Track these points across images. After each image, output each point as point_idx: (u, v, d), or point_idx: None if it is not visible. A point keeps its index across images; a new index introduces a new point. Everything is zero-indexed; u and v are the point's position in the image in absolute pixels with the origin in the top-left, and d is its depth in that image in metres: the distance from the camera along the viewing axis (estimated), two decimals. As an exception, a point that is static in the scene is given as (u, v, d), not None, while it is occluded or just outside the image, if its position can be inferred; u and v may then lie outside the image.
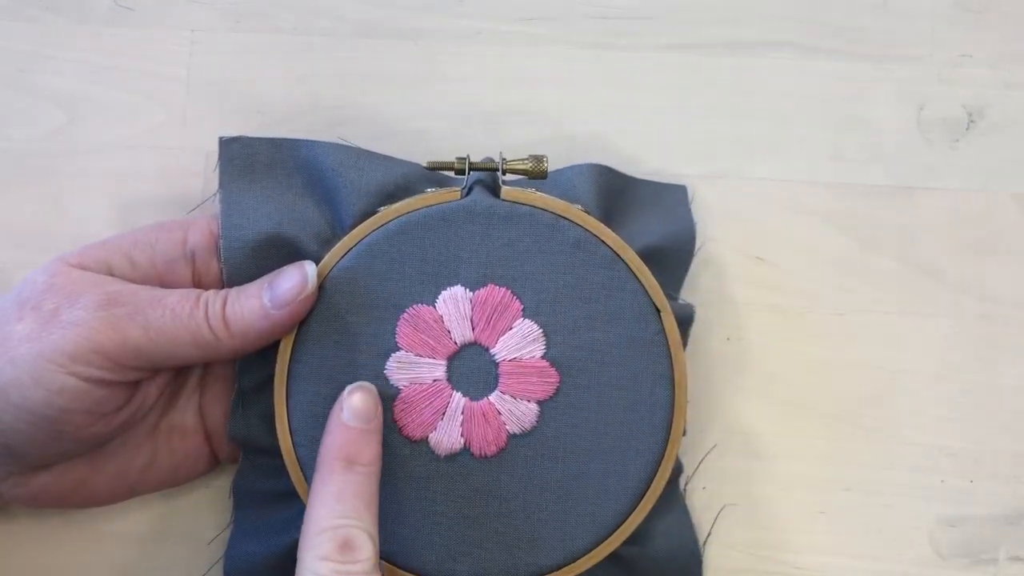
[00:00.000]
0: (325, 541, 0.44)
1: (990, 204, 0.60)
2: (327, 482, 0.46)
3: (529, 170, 0.52)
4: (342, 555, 0.44)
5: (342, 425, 0.48)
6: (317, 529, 0.45)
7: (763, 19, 0.62)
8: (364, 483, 0.46)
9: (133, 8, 0.61)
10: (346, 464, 0.46)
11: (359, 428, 0.48)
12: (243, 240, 0.51)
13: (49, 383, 0.46)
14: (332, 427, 0.48)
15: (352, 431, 0.47)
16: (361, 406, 0.48)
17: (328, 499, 0.46)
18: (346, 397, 0.48)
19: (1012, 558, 0.57)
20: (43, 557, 0.56)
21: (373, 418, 0.48)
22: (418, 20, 0.61)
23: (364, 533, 0.45)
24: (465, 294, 0.51)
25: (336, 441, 0.47)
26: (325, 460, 0.47)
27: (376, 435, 0.48)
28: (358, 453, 0.47)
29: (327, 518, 0.45)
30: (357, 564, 0.44)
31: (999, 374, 0.59)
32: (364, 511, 0.46)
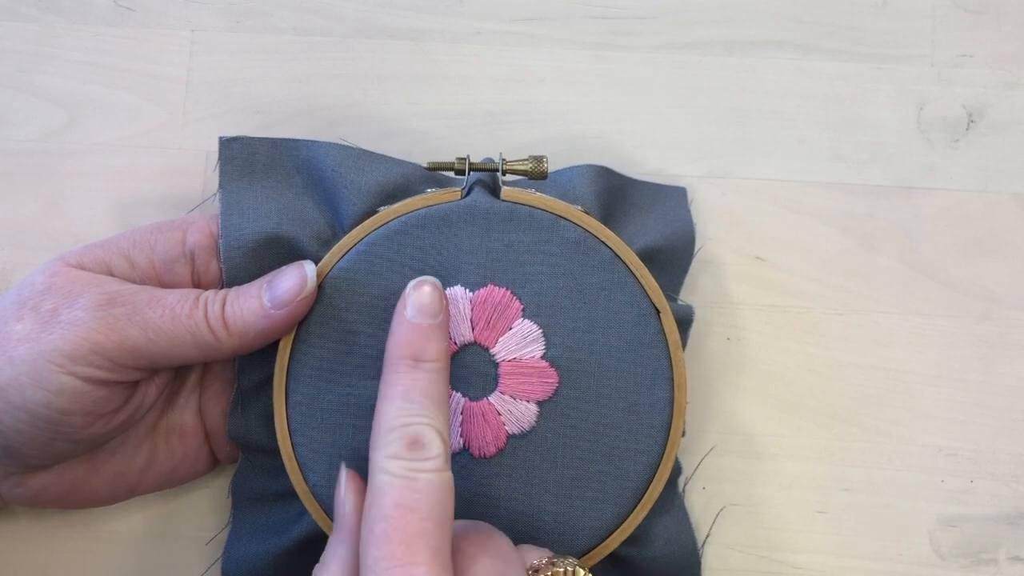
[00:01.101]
0: (394, 439, 0.43)
1: (990, 204, 0.60)
2: (394, 381, 0.45)
3: (529, 171, 0.52)
4: (412, 452, 0.43)
5: (406, 322, 0.47)
6: (386, 428, 0.44)
7: (763, 19, 0.62)
8: (432, 380, 0.46)
9: (133, 8, 0.61)
10: (412, 362, 0.46)
11: (424, 324, 0.47)
12: (243, 240, 0.51)
13: (48, 383, 0.46)
14: (396, 325, 0.47)
15: (417, 327, 0.47)
16: (426, 301, 0.47)
17: (395, 398, 0.45)
18: (410, 292, 0.47)
19: (1012, 558, 0.57)
20: (43, 557, 0.56)
21: (439, 312, 0.47)
22: (418, 20, 0.61)
23: (433, 430, 0.44)
24: (465, 294, 0.51)
25: (401, 339, 0.46)
26: (391, 359, 0.46)
27: (442, 330, 0.47)
28: (423, 349, 0.46)
29: (395, 416, 0.44)
30: (428, 461, 0.43)
31: (999, 374, 0.59)
32: (433, 408, 0.45)
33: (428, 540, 0.41)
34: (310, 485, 0.50)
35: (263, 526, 0.53)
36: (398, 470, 0.43)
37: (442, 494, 0.43)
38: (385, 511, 0.42)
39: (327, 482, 0.50)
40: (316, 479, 0.50)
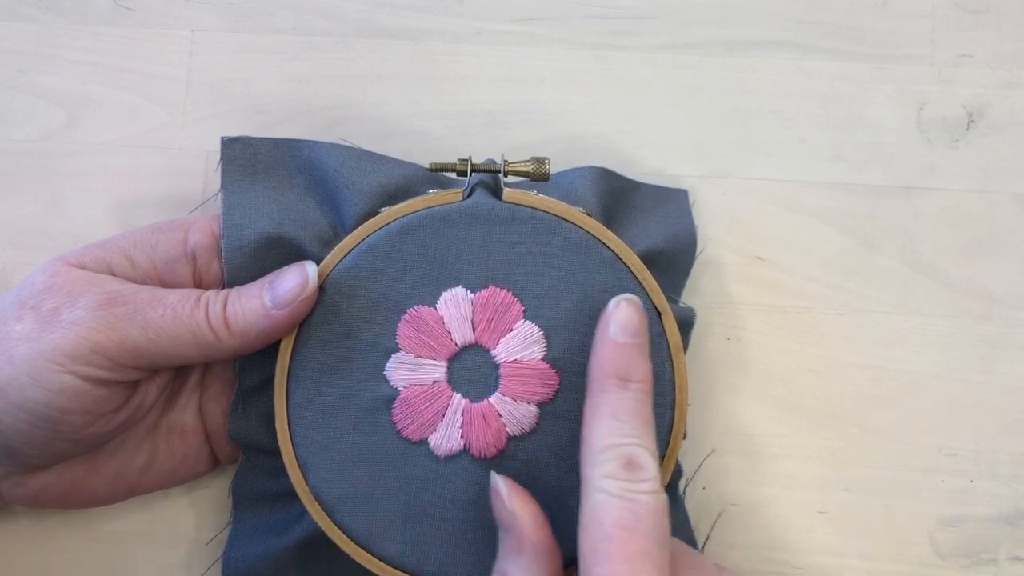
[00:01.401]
0: (609, 459, 0.44)
1: (990, 204, 0.60)
2: (602, 401, 0.45)
3: (531, 172, 0.52)
4: (629, 473, 0.43)
5: (611, 341, 0.47)
6: (600, 446, 0.44)
7: (763, 19, 0.62)
8: (640, 400, 0.46)
9: (133, 8, 0.61)
10: (620, 382, 0.46)
11: (629, 343, 0.47)
12: (244, 240, 0.51)
13: (48, 382, 0.46)
14: (600, 344, 0.47)
15: (622, 347, 0.47)
16: (629, 319, 0.47)
17: (605, 417, 0.45)
18: (612, 311, 0.48)
19: (1012, 558, 0.57)
20: (43, 557, 0.56)
21: (642, 332, 0.47)
22: (418, 20, 0.61)
23: (647, 452, 0.44)
24: (466, 295, 0.50)
25: (606, 357, 0.46)
26: (597, 377, 0.46)
27: (645, 350, 0.47)
28: (630, 369, 0.46)
29: (608, 436, 0.44)
30: (645, 483, 0.43)
31: (999, 374, 0.59)
32: (644, 429, 0.45)
33: (651, 561, 0.42)
34: (310, 485, 0.50)
35: (263, 526, 0.53)
36: (616, 490, 0.43)
37: (661, 516, 0.43)
38: (607, 531, 0.42)
39: (327, 482, 0.50)
40: (316, 479, 0.50)
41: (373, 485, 0.50)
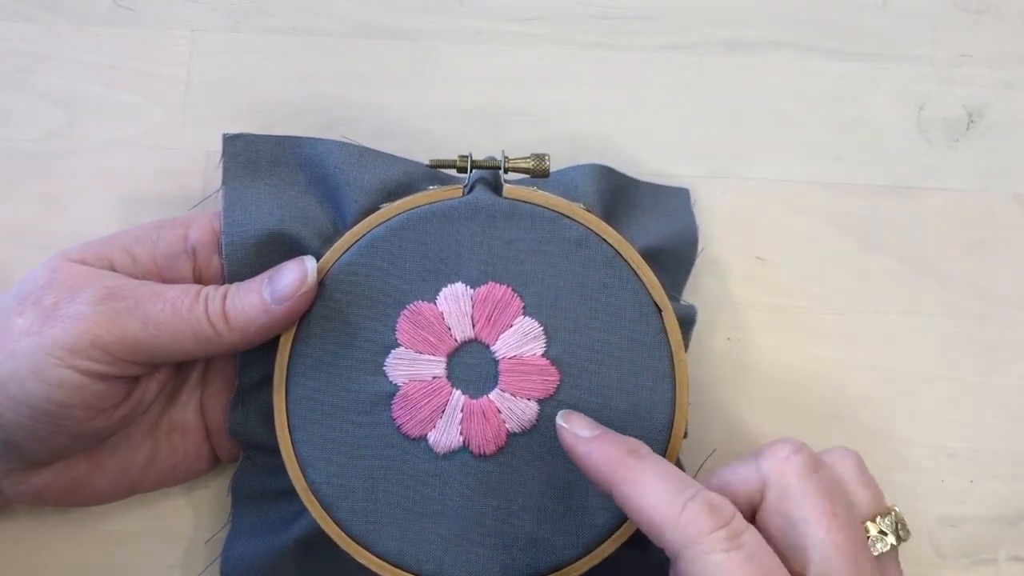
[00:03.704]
0: (693, 517, 0.43)
1: (990, 204, 0.60)
2: (636, 478, 0.45)
3: (531, 168, 0.52)
4: (718, 519, 0.42)
5: (594, 440, 0.47)
6: (674, 511, 0.43)
7: (763, 19, 0.62)
8: (660, 460, 0.46)
9: (133, 8, 0.61)
10: (633, 455, 0.45)
11: (603, 434, 0.47)
12: (245, 236, 0.51)
13: (48, 376, 0.46)
14: (586, 452, 0.47)
15: (603, 437, 0.47)
16: (582, 419, 0.48)
17: (652, 487, 0.44)
18: (565, 426, 0.48)
19: (1012, 558, 0.57)
20: (43, 557, 0.56)
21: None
22: (418, 20, 0.61)
23: (708, 491, 0.44)
24: (466, 291, 0.50)
25: (604, 452, 0.46)
26: (612, 469, 0.46)
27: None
28: (628, 444, 0.46)
29: (671, 498, 0.43)
30: (736, 520, 0.43)
31: (999, 374, 0.59)
32: (686, 477, 0.45)
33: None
34: (309, 482, 0.50)
35: (262, 524, 0.53)
36: (724, 543, 0.42)
37: (768, 550, 0.43)
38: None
39: (326, 479, 0.50)
40: (315, 476, 0.50)
41: (372, 482, 0.50)
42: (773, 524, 0.45)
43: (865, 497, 0.47)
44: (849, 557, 0.43)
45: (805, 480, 0.45)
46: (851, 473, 0.47)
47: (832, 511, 0.44)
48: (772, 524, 0.45)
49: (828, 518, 0.44)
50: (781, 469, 0.45)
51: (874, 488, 0.47)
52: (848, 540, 0.43)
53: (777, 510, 0.45)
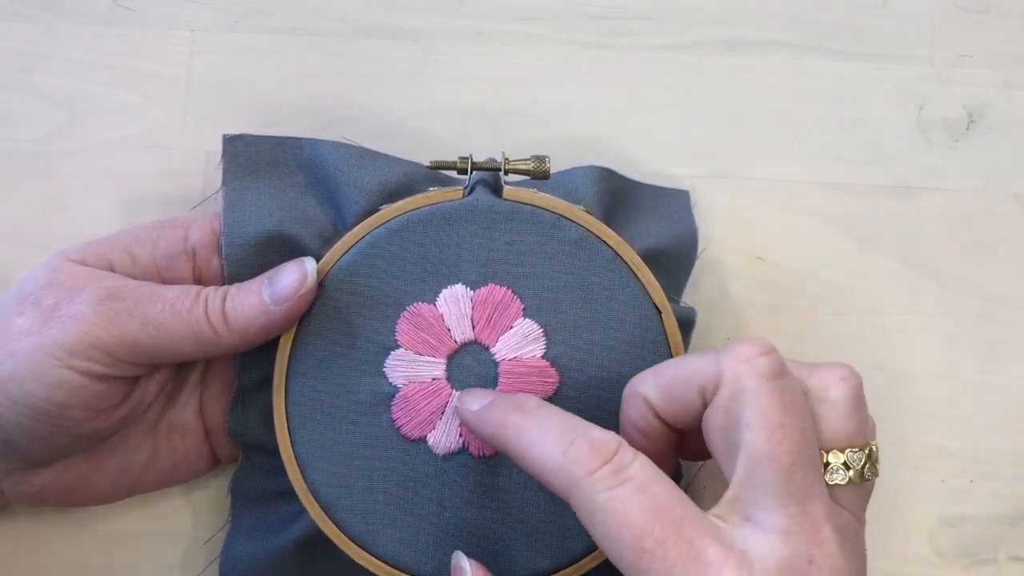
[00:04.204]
0: (572, 462, 0.41)
1: (990, 204, 0.60)
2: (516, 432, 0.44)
3: (532, 170, 0.52)
4: (599, 458, 0.41)
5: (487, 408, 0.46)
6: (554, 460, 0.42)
7: (763, 19, 0.62)
8: (544, 406, 0.45)
9: (133, 8, 0.61)
10: (516, 410, 0.45)
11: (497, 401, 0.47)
12: (245, 237, 0.51)
13: (48, 377, 0.46)
14: (480, 418, 0.46)
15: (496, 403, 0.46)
16: (474, 392, 0.48)
17: (533, 437, 0.43)
18: (461, 398, 0.48)
19: (1012, 558, 0.57)
20: (43, 557, 0.56)
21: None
22: (418, 20, 0.61)
23: (593, 430, 0.42)
24: (466, 293, 0.50)
25: (489, 415, 0.46)
26: (495, 431, 0.45)
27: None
28: (516, 400, 0.46)
29: (552, 447, 0.42)
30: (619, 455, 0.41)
31: (999, 374, 0.59)
32: (572, 419, 0.44)
33: (693, 525, 0.40)
34: (308, 483, 0.50)
35: (261, 525, 0.53)
36: (606, 482, 0.41)
37: (660, 476, 0.41)
38: (639, 527, 0.40)
39: (326, 480, 0.50)
40: (315, 477, 0.50)
41: (371, 483, 0.50)
42: (717, 421, 0.43)
43: (842, 425, 0.44)
44: (781, 471, 0.41)
45: (761, 383, 0.42)
46: (838, 397, 0.44)
47: (780, 421, 0.41)
48: (716, 421, 0.43)
49: (772, 427, 0.41)
50: (739, 368, 0.43)
51: (858, 419, 0.44)
52: (787, 453, 0.41)
53: (724, 408, 0.43)
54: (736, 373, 0.43)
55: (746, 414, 0.42)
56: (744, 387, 0.42)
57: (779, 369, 0.43)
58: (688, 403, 0.45)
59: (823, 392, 0.44)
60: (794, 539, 0.40)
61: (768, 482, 0.41)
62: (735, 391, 0.42)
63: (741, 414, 0.42)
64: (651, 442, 0.47)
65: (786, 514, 0.40)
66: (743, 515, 0.41)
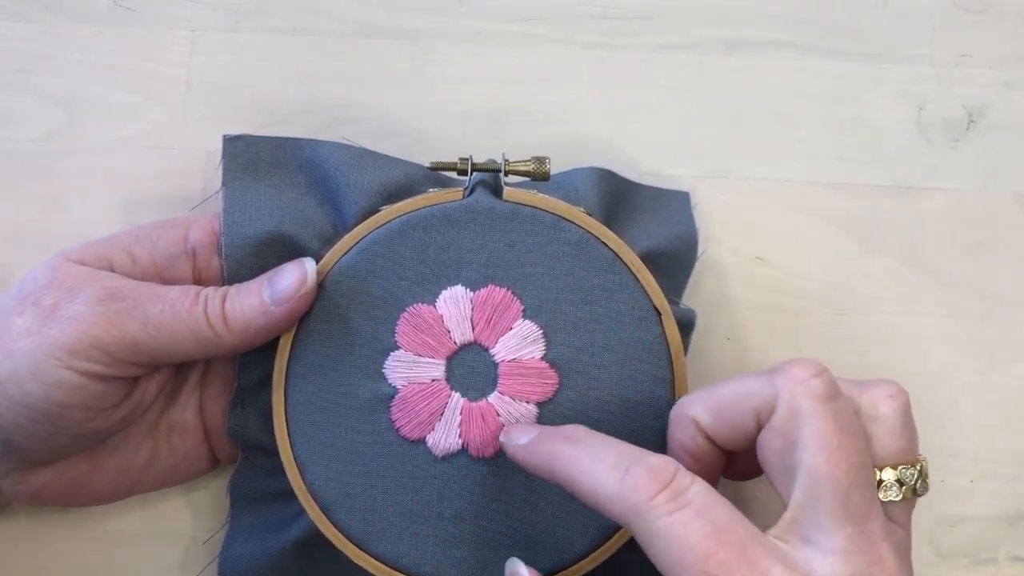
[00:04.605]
0: (632, 487, 0.41)
1: (990, 204, 0.60)
2: (570, 462, 0.44)
3: (532, 171, 0.52)
4: (658, 482, 0.41)
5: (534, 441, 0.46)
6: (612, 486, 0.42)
7: (763, 19, 0.62)
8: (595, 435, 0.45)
9: (133, 8, 0.61)
10: (567, 440, 0.45)
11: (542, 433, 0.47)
12: (245, 238, 0.51)
13: (47, 377, 0.46)
14: (526, 451, 0.47)
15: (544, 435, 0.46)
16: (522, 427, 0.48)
17: (587, 465, 0.43)
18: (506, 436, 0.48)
19: (1012, 558, 0.57)
20: (43, 557, 0.56)
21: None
22: (418, 20, 0.61)
23: (650, 456, 0.42)
24: (465, 294, 0.50)
25: (539, 446, 0.46)
26: (545, 461, 0.45)
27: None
28: (563, 431, 0.46)
29: (609, 473, 0.42)
30: (679, 479, 0.41)
31: (999, 374, 0.59)
32: (625, 447, 0.44)
33: (755, 547, 0.40)
34: (308, 484, 0.50)
35: (261, 525, 0.53)
36: (666, 507, 0.41)
37: (719, 499, 0.42)
38: (701, 550, 0.40)
39: (325, 480, 0.50)
40: (314, 478, 0.50)
41: (371, 484, 0.50)
42: (773, 443, 0.44)
43: (893, 442, 0.45)
44: (839, 492, 0.41)
45: (817, 405, 0.42)
46: (888, 414, 0.45)
47: (837, 443, 0.42)
48: (772, 442, 0.44)
49: (829, 448, 0.42)
50: (794, 390, 0.43)
51: (908, 436, 0.45)
52: (845, 474, 0.41)
53: (781, 430, 0.43)
54: (792, 395, 0.43)
55: (803, 435, 0.42)
56: (800, 409, 0.43)
57: (833, 390, 0.43)
58: (742, 425, 0.45)
59: (874, 410, 0.45)
60: (854, 559, 0.41)
61: (827, 503, 0.41)
62: (791, 413, 0.43)
63: (798, 436, 0.42)
64: (701, 464, 0.47)
65: (845, 535, 0.41)
66: (802, 536, 0.41)
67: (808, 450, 0.42)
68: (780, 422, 0.43)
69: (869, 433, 0.44)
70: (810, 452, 0.42)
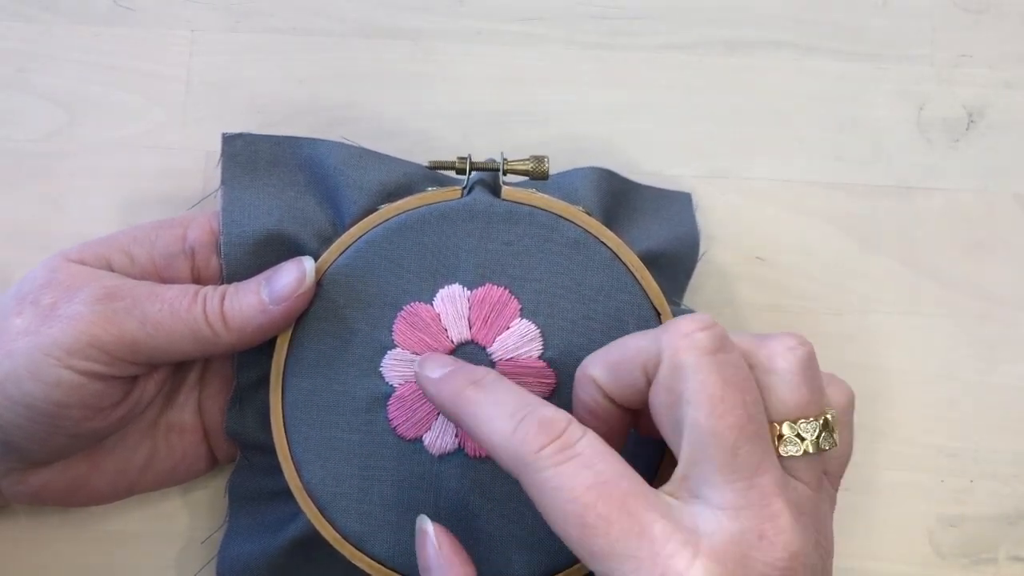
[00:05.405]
0: (522, 439, 0.41)
1: (990, 204, 0.60)
2: (470, 409, 0.44)
3: (530, 171, 0.52)
4: (547, 435, 0.41)
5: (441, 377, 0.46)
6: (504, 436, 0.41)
7: (763, 19, 0.62)
8: (502, 381, 0.45)
9: (133, 8, 0.61)
10: (472, 385, 0.44)
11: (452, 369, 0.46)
12: (243, 237, 0.51)
13: (46, 376, 0.46)
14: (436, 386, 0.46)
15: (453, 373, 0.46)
16: (434, 358, 0.48)
17: (486, 411, 0.43)
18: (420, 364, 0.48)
19: (1012, 558, 0.57)
20: (43, 557, 0.56)
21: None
22: (418, 20, 0.61)
23: (545, 407, 0.42)
24: (463, 293, 0.50)
25: (447, 385, 0.45)
26: (450, 402, 0.45)
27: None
28: (472, 374, 0.45)
29: (501, 423, 0.42)
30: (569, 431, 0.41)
31: (999, 374, 0.59)
32: (525, 395, 0.43)
33: (638, 500, 0.39)
34: (304, 482, 0.50)
35: (258, 525, 0.53)
36: (553, 459, 0.40)
37: (608, 452, 0.41)
38: (581, 500, 0.39)
39: (321, 480, 0.50)
40: (311, 476, 0.50)
41: (367, 483, 0.50)
42: (660, 397, 0.42)
43: (791, 395, 0.42)
44: (725, 446, 0.40)
45: (700, 358, 0.41)
46: (785, 367, 0.43)
47: (720, 396, 0.40)
48: (659, 397, 0.42)
49: (713, 401, 0.40)
50: (678, 343, 0.42)
51: (809, 388, 0.43)
52: (730, 428, 0.40)
53: (666, 385, 0.42)
54: (675, 349, 0.42)
55: (687, 390, 0.41)
56: (683, 363, 0.41)
57: (719, 344, 0.42)
58: (633, 382, 0.44)
59: (770, 363, 0.43)
60: (743, 514, 0.39)
61: (713, 458, 0.40)
62: (674, 367, 0.42)
63: (682, 390, 0.41)
64: (603, 423, 0.46)
65: (733, 489, 0.40)
66: (692, 492, 0.41)
67: (691, 404, 0.41)
68: (664, 377, 0.42)
69: (766, 386, 0.42)
70: (693, 406, 0.41)
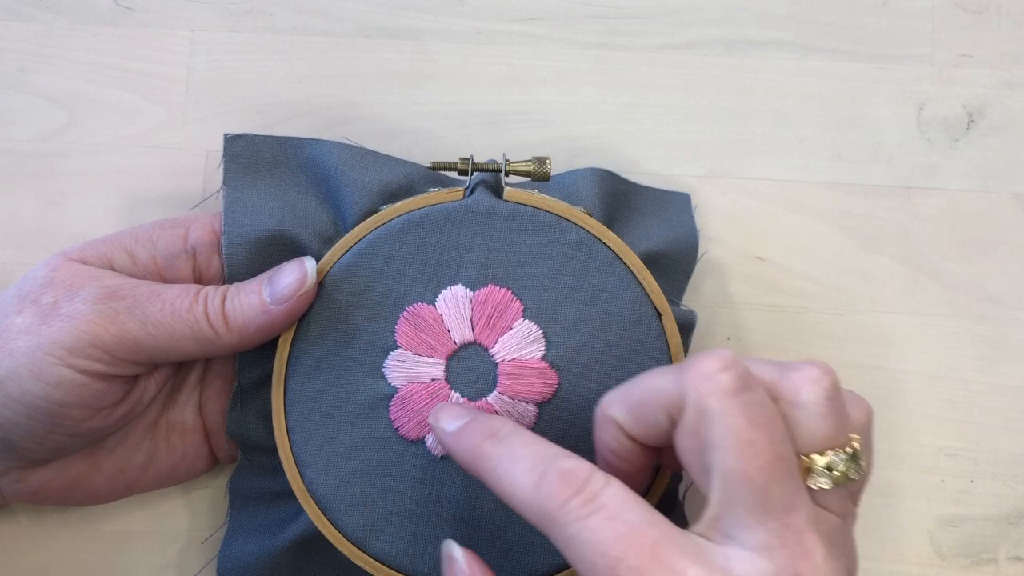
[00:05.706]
0: (547, 493, 0.40)
1: (990, 204, 0.60)
2: (491, 463, 0.43)
3: (532, 172, 0.52)
4: (570, 488, 0.40)
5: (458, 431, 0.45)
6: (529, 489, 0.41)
7: (763, 19, 0.62)
8: (520, 432, 0.44)
9: (133, 8, 0.61)
10: (491, 439, 0.43)
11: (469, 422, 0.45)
12: (245, 237, 0.51)
13: (47, 375, 0.46)
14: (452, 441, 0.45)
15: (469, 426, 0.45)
16: (451, 410, 0.47)
17: (506, 467, 0.42)
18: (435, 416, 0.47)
19: (1012, 558, 0.57)
20: (43, 557, 0.56)
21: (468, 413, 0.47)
22: (418, 20, 0.61)
23: (569, 458, 0.41)
24: (465, 293, 0.50)
25: (463, 440, 0.45)
26: (470, 457, 0.44)
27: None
28: (490, 427, 0.44)
29: (525, 477, 0.41)
30: (593, 483, 0.40)
31: (999, 374, 0.59)
32: (550, 446, 0.42)
33: (669, 548, 0.39)
34: (306, 483, 0.50)
35: (259, 525, 0.53)
36: (578, 512, 0.39)
37: (634, 500, 0.40)
38: (610, 554, 0.38)
39: (323, 480, 0.50)
40: (312, 476, 0.50)
41: (369, 483, 0.50)
42: (687, 443, 0.42)
43: (818, 428, 0.42)
44: (756, 489, 0.39)
45: (724, 401, 0.40)
46: (811, 399, 0.42)
47: (749, 439, 0.39)
48: (686, 443, 0.42)
49: (741, 445, 0.39)
50: (700, 387, 0.41)
51: (834, 419, 0.42)
52: (759, 471, 0.39)
53: (692, 430, 0.41)
54: (699, 393, 0.41)
55: (713, 435, 0.40)
56: (708, 407, 0.40)
57: (742, 383, 0.41)
58: (656, 424, 0.43)
59: (795, 396, 0.42)
60: (777, 554, 0.39)
61: (745, 500, 0.39)
62: (699, 412, 0.41)
63: (709, 434, 0.40)
64: (627, 463, 0.46)
65: (766, 530, 0.39)
66: (724, 533, 0.40)
67: (720, 449, 0.40)
68: (690, 422, 0.41)
69: (792, 420, 0.42)
70: (721, 452, 0.40)
